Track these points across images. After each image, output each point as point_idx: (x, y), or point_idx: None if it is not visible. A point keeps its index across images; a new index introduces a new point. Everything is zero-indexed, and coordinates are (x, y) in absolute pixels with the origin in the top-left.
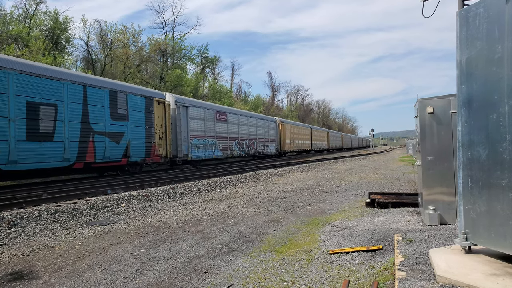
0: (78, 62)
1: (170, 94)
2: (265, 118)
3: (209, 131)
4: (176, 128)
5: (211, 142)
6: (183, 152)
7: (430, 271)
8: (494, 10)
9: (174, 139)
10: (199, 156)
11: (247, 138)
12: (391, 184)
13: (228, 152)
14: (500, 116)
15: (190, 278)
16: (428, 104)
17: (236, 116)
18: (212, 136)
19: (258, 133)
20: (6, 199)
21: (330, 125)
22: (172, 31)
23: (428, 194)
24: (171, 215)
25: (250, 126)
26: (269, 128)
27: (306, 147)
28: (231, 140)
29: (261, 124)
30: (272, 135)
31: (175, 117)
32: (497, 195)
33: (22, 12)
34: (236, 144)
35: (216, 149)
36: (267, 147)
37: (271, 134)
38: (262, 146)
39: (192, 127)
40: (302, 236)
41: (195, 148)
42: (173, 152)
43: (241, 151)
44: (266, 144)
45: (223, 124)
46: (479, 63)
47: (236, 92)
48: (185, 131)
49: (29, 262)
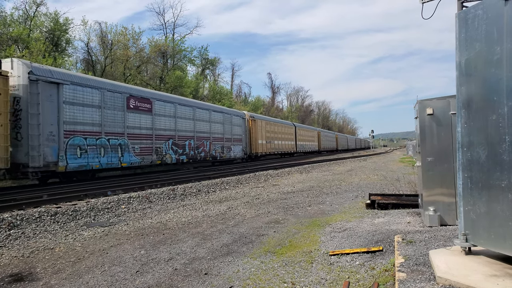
0: (79, 63)
1: (19, 61)
2: (226, 112)
3: (111, 126)
4: (29, 119)
5: (117, 141)
6: (45, 158)
7: (430, 272)
8: (493, 11)
9: (26, 136)
10: (85, 164)
11: (193, 137)
12: (391, 185)
13: (154, 157)
14: (499, 117)
15: (190, 279)
16: (428, 105)
17: (172, 105)
18: (119, 133)
19: (214, 131)
20: (6, 201)
21: (330, 126)
22: (172, 32)
23: (428, 195)
24: (171, 217)
25: (199, 121)
26: (232, 125)
27: (289, 148)
28: (160, 140)
29: (218, 118)
30: (237, 133)
31: (27, 100)
32: (497, 196)
33: (23, 14)
34: (171, 145)
35: (127, 153)
36: (228, 149)
37: (236, 132)
38: (219, 147)
39: (72, 118)
40: (302, 238)
41: (76, 151)
42: (20, 158)
43: (179, 155)
44: (227, 146)
45: (145, 116)
46: (478, 65)
47: (236, 94)
48: (51, 123)
49: (29, 263)
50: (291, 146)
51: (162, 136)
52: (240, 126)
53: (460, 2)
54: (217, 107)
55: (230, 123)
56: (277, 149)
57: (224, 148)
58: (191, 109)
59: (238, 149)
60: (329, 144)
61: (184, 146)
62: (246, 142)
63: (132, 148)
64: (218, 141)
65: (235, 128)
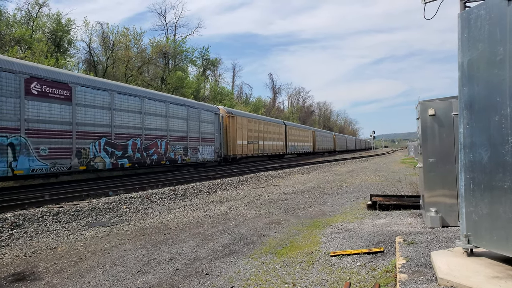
0: (80, 64)
1: None
2: (191, 105)
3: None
4: None
5: (5, 140)
6: None
7: (431, 274)
8: (496, 12)
9: None
10: None
11: (140, 135)
12: (392, 186)
13: (74, 162)
14: (502, 118)
15: (191, 279)
16: (430, 106)
17: (106, 94)
18: (8, 129)
19: (173, 128)
20: (9, 201)
21: (331, 127)
22: (174, 33)
23: (430, 196)
24: (172, 217)
25: (151, 115)
26: (201, 122)
27: (278, 149)
28: (85, 138)
29: (180, 113)
30: (207, 132)
31: None
32: (499, 198)
33: (25, 15)
34: (103, 145)
35: (25, 156)
36: (193, 150)
37: (207, 130)
38: (181, 149)
39: None
40: (303, 238)
41: None
42: None
43: (117, 158)
44: (192, 147)
45: (59, 106)
46: (481, 65)
47: (237, 94)
48: None
49: (31, 263)
50: (280, 147)
51: (88, 133)
52: (212, 124)
53: (462, 2)
54: (179, 99)
55: (197, 119)
56: (262, 150)
57: (189, 150)
58: (138, 100)
59: (208, 150)
60: (325, 145)
61: (126, 147)
62: (220, 143)
63: (34, 150)
64: (180, 140)
65: (205, 126)
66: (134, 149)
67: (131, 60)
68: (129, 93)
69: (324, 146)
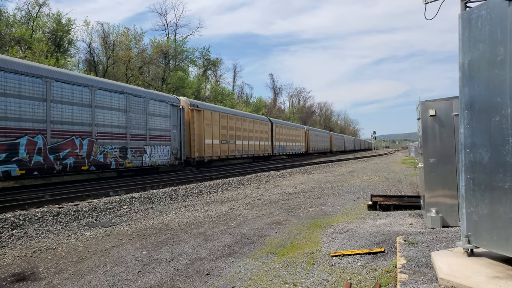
0: (81, 64)
1: None
2: (134, 93)
3: None
4: None
5: None
6: None
7: (432, 274)
8: (497, 12)
9: None
10: None
11: (43, 131)
12: (393, 187)
13: None
14: (502, 118)
15: (192, 280)
16: (430, 107)
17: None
18: None
19: (107, 122)
20: (9, 201)
21: (332, 127)
22: (174, 33)
23: (430, 197)
24: (173, 217)
25: (69, 105)
26: (150, 115)
27: (262, 150)
28: None
29: (117, 103)
30: (159, 128)
31: None
32: (499, 198)
33: (25, 15)
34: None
35: None
36: (138, 152)
37: (159, 126)
38: (116, 149)
39: None
40: (304, 239)
41: None
42: None
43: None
44: (136, 147)
45: None
46: (482, 66)
47: (238, 94)
48: None
49: (31, 263)
50: (266, 147)
51: None
52: (166, 118)
53: (463, 2)
54: (113, 84)
55: (143, 112)
56: (241, 151)
57: (129, 150)
58: (41, 82)
59: (161, 151)
60: (321, 145)
61: (15, 147)
62: (180, 142)
63: None
64: (114, 138)
65: (155, 120)
66: (32, 150)
67: (131, 60)
68: (22, 72)
69: (319, 146)
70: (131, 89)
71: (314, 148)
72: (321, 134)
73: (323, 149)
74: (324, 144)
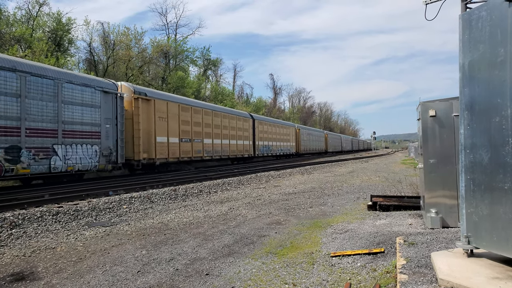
0: (81, 63)
1: None
2: (41, 73)
3: None
4: None
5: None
6: None
7: (432, 275)
8: (497, 13)
9: None
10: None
11: None
12: (393, 187)
13: None
14: (502, 119)
15: (192, 280)
16: (431, 107)
17: None
18: None
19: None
20: (8, 200)
21: (332, 128)
22: (175, 33)
23: (430, 197)
24: (173, 217)
25: None
26: (68, 104)
27: (241, 150)
28: None
29: (3, 85)
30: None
31: None
32: (499, 199)
33: (25, 14)
34: None
35: None
36: (45, 153)
37: (81, 119)
38: (2, 151)
39: None
40: (303, 239)
41: None
42: None
43: None
44: (43, 147)
45: None
46: (482, 66)
47: (238, 94)
48: None
49: (30, 263)
50: (245, 147)
51: None
52: (94, 108)
53: (464, 3)
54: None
55: (54, 99)
56: (212, 152)
57: (25, 151)
58: None
59: (85, 152)
60: (314, 145)
61: None
62: (115, 139)
63: None
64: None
65: (74, 111)
66: None
67: (131, 59)
68: None
69: (313, 147)
70: (30, 67)
71: (306, 148)
72: (315, 133)
73: (317, 150)
74: (318, 144)
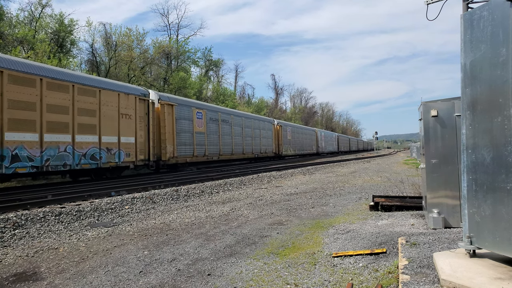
0: (83, 64)
1: None
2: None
3: None
4: None
5: None
6: None
7: (434, 275)
8: (499, 13)
9: None
10: None
11: None
12: (395, 187)
13: None
14: (505, 119)
15: (194, 280)
16: (432, 107)
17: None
18: None
19: None
20: (11, 201)
21: (334, 128)
22: (176, 33)
23: (432, 197)
24: (175, 217)
25: None
26: None
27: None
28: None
29: None
30: None
31: None
32: (502, 199)
33: (28, 15)
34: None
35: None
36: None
37: None
38: None
39: None
40: (305, 239)
41: None
42: None
43: None
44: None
45: None
46: (484, 66)
47: (239, 95)
48: None
49: (33, 263)
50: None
51: None
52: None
53: (465, 3)
54: None
55: None
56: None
57: None
58: None
59: None
60: (301, 145)
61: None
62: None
63: None
64: None
65: None
66: None
67: (133, 60)
68: None
69: (300, 147)
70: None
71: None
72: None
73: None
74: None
